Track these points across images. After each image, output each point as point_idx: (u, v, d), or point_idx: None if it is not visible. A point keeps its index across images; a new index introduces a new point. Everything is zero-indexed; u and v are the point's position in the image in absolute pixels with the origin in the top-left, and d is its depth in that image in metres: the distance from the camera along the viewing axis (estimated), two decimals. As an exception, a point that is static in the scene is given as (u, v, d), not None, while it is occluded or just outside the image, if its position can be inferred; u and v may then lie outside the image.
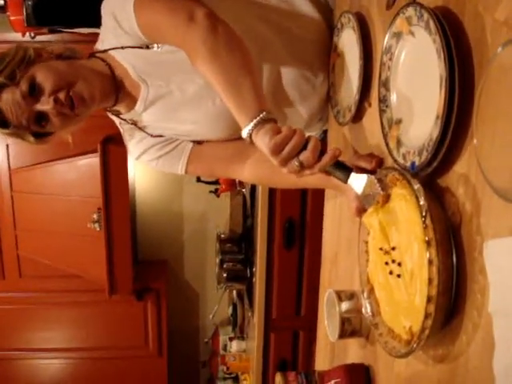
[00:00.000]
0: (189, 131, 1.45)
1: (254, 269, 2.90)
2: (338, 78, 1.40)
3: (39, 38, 2.71)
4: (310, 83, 1.45)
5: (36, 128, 1.32)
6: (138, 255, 3.63)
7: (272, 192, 2.66)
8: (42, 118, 1.30)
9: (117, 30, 1.34)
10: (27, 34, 2.68)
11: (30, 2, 2.23)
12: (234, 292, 3.35)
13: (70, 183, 3.10)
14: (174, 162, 1.48)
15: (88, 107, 1.35)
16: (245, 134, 1.10)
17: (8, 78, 1.27)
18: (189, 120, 1.43)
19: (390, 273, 0.98)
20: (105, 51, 1.40)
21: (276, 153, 1.03)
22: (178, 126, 1.45)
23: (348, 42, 1.31)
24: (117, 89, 1.38)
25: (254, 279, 2.90)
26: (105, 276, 3.09)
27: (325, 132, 1.59)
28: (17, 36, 2.72)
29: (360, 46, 1.20)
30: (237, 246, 3.17)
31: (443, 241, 0.84)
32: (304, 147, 1.02)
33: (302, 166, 1.03)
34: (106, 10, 1.37)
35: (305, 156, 1.02)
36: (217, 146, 1.48)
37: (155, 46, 1.36)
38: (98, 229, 3.01)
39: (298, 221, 2.71)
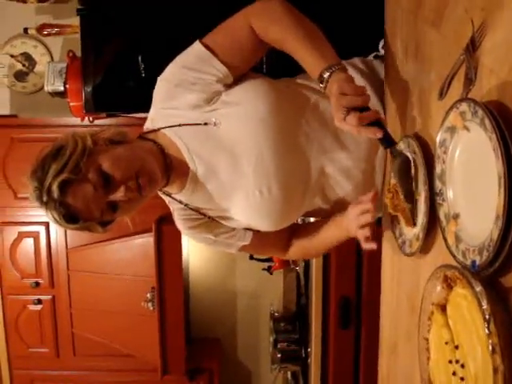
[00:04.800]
0: (236, 216, 1.46)
1: (308, 349, 2.83)
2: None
3: (97, 121, 2.83)
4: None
5: (109, 217, 1.33)
6: (191, 333, 3.60)
7: (326, 269, 2.61)
8: (113, 206, 1.31)
9: (186, 96, 1.37)
10: (86, 118, 2.80)
11: (88, 89, 2.31)
12: (289, 373, 3.26)
13: (125, 262, 3.13)
14: (228, 247, 1.54)
15: (153, 190, 1.38)
16: (325, 75, 1.22)
17: (73, 173, 1.26)
18: (237, 206, 1.44)
19: (454, 374, 0.93)
20: (159, 129, 1.42)
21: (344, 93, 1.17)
22: (227, 210, 1.46)
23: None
24: (167, 169, 1.40)
25: (309, 360, 2.82)
26: (157, 356, 3.07)
27: (379, 219, 1.57)
28: (76, 121, 2.83)
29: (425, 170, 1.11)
30: (291, 324, 3.11)
31: (508, 346, 0.79)
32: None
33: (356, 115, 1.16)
34: (168, 83, 1.39)
35: (364, 113, 1.16)
36: (273, 235, 1.52)
37: (214, 120, 1.39)
38: (151, 308, 3.01)
39: (354, 299, 2.64)
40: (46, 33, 3.07)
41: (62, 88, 2.80)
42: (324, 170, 1.43)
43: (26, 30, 3.07)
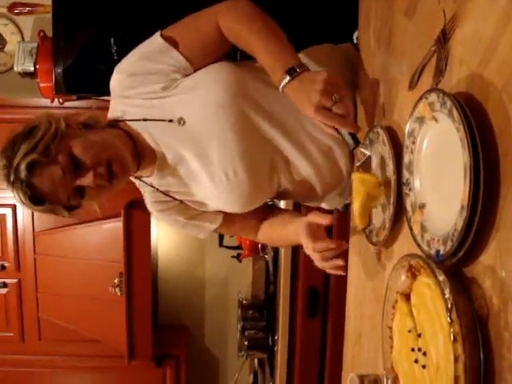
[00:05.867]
0: (206, 200, 1.47)
1: (276, 337, 2.84)
2: None
3: (67, 103, 2.79)
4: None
5: (76, 202, 1.32)
6: (159, 320, 3.59)
7: (295, 259, 2.62)
8: (80, 191, 1.30)
9: (143, 85, 1.37)
10: (56, 100, 2.76)
11: (59, 70, 2.28)
12: (256, 360, 3.27)
13: (93, 247, 3.11)
14: (199, 230, 1.54)
15: (124, 177, 1.38)
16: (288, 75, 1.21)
17: (43, 155, 1.24)
18: (205, 190, 1.45)
19: (416, 361, 0.94)
20: (123, 121, 1.42)
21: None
22: (196, 196, 1.47)
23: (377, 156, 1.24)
24: (137, 155, 1.40)
25: (275, 348, 2.84)
26: (124, 342, 3.05)
27: (347, 206, 1.58)
28: (45, 102, 2.79)
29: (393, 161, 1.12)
30: (259, 312, 3.12)
31: (470, 336, 0.80)
32: None
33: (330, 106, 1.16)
34: (123, 74, 1.39)
35: (341, 104, 1.17)
36: (242, 217, 1.53)
37: (177, 119, 1.38)
38: (119, 293, 2.99)
39: (322, 289, 2.65)
40: (17, 11, 3.01)
41: (32, 68, 2.75)
42: (286, 152, 1.43)
43: (-4, 8, 3.01)
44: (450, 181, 0.86)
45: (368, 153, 1.24)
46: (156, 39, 1.37)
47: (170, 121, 1.38)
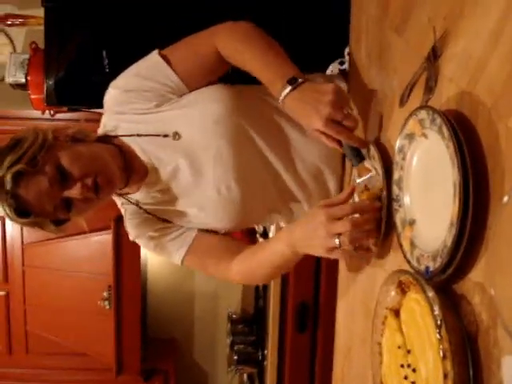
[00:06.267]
0: (193, 216, 1.45)
1: (265, 352, 2.83)
2: None
3: (58, 115, 2.78)
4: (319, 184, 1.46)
5: (63, 215, 1.30)
6: (148, 333, 3.56)
7: (285, 274, 2.61)
8: (67, 204, 1.28)
9: (137, 101, 1.37)
10: (46, 112, 2.75)
11: (50, 82, 2.27)
12: (245, 375, 3.25)
13: (82, 260, 3.09)
14: (173, 249, 1.45)
15: (111, 191, 1.37)
16: (286, 88, 1.17)
17: (29, 165, 1.23)
18: (195, 205, 1.43)
19: (405, 378, 0.94)
20: (115, 136, 1.42)
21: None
22: (184, 210, 1.45)
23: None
24: (126, 171, 1.39)
25: (265, 363, 2.82)
26: (112, 355, 3.03)
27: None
28: (36, 113, 2.78)
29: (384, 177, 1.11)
30: (248, 327, 3.11)
31: (459, 352, 0.80)
32: None
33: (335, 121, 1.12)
34: (118, 90, 1.39)
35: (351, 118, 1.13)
36: (215, 241, 1.46)
37: (172, 135, 1.37)
38: (107, 307, 2.97)
39: (312, 304, 2.65)
40: (9, 23, 3.00)
41: (23, 80, 2.74)
42: (279, 171, 1.43)
43: (-12, 19, 3.01)
44: (439, 197, 0.87)
45: (372, 169, 1.19)
46: (153, 57, 1.38)
47: (165, 136, 1.38)
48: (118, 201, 1.49)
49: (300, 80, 1.17)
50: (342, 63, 1.77)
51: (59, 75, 2.23)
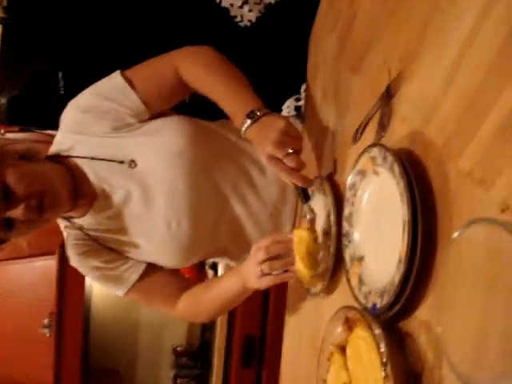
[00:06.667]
0: (142, 248, 1.41)
1: (209, 386, 2.78)
2: None
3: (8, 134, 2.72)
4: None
5: (3, 235, 1.25)
6: (89, 363, 3.45)
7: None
8: (9, 224, 1.24)
9: (95, 123, 1.35)
10: (-4, 131, 2.69)
11: (4, 101, 2.23)
12: (187, 410, 3.19)
13: (24, 284, 2.99)
14: (117, 283, 1.42)
15: (56, 213, 1.34)
16: (248, 119, 1.18)
17: None
18: (143, 236, 1.40)
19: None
20: (68, 156, 1.38)
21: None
22: (132, 240, 1.41)
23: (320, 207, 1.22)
24: (75, 194, 1.35)
25: (208, 397, 2.77)
26: (51, 384, 2.92)
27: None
28: (-15, 132, 2.71)
29: (335, 213, 1.12)
30: (193, 360, 3.06)
31: (403, 391, 0.80)
32: None
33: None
34: (76, 110, 1.37)
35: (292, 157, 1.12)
36: (164, 277, 1.44)
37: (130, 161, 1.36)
38: (48, 334, 2.87)
39: (258, 338, 2.62)
40: (-37, 38, 2.95)
41: (-26, 97, 2.68)
42: (234, 210, 1.42)
43: None
44: (388, 234, 0.87)
45: (314, 211, 1.19)
46: (115, 78, 1.36)
47: (121, 162, 1.35)
48: (62, 223, 1.44)
49: (258, 114, 1.18)
50: (298, 99, 1.79)
51: (13, 94, 2.19)
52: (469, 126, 0.72)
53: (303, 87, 1.67)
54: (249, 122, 1.18)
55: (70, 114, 1.38)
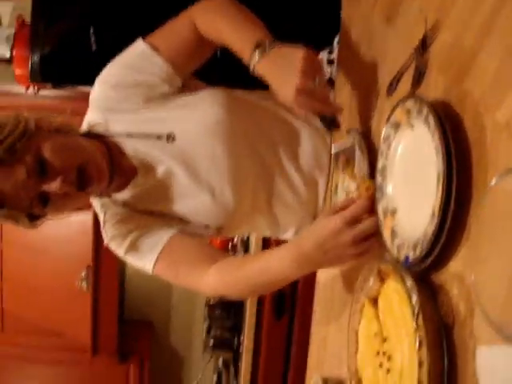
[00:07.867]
0: (180, 218, 1.37)
1: (241, 337, 2.83)
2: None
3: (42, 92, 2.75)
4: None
5: (39, 210, 1.21)
6: (124, 314, 3.55)
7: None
8: (44, 199, 1.19)
9: (128, 98, 1.33)
10: (30, 87, 2.72)
11: (36, 58, 2.24)
12: (220, 360, 3.26)
13: (61, 239, 3.06)
14: (147, 249, 1.34)
15: (100, 185, 1.27)
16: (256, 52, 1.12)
17: (7, 153, 1.14)
18: (186, 208, 1.37)
19: (380, 365, 0.94)
20: (103, 135, 1.35)
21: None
22: (172, 212, 1.38)
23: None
24: (113, 169, 1.31)
25: (241, 349, 2.83)
26: (89, 336, 3.03)
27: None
28: (20, 89, 2.75)
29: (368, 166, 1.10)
30: (226, 312, 3.10)
31: (435, 342, 0.80)
32: None
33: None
34: (105, 85, 1.35)
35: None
36: (194, 243, 1.35)
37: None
38: (85, 287, 2.96)
39: (289, 291, 2.66)
40: (-5, -4, 2.96)
41: (8, 55, 2.71)
42: (274, 179, 1.41)
43: (-26, -9, 2.96)
44: (422, 187, 0.87)
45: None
46: (138, 45, 1.33)
47: (158, 137, 1.33)
48: (97, 203, 1.40)
49: (267, 45, 1.12)
50: (330, 52, 1.76)
51: (45, 51, 2.20)
52: (507, 77, 0.71)
53: (336, 39, 1.64)
54: (257, 55, 1.12)
55: (99, 90, 1.35)
